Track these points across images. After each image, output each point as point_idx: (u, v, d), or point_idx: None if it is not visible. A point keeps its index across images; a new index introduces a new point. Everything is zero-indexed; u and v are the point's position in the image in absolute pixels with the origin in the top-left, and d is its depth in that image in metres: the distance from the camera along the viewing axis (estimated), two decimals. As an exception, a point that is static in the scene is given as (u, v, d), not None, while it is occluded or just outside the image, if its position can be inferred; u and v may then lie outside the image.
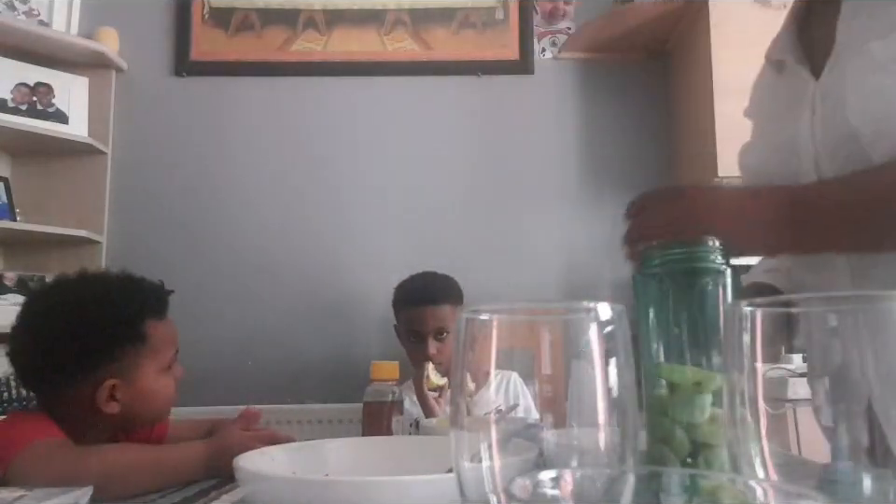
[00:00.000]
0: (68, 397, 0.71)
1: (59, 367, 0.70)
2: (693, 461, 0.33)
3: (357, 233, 1.88)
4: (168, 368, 0.76)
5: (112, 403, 0.71)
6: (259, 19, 1.95)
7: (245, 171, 1.91)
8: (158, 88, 1.93)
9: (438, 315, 1.37)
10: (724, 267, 0.36)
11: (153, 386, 0.74)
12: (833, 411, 0.24)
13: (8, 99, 1.75)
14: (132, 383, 0.72)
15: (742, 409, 0.25)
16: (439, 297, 1.40)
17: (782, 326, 0.25)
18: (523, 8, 1.95)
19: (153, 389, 0.74)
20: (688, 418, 0.33)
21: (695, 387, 0.34)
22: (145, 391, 0.73)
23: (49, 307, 0.75)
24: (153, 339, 0.75)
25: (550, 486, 0.21)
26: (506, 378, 0.90)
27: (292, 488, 0.42)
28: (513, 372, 0.28)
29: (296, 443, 0.64)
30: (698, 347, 0.35)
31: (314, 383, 1.81)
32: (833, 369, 0.25)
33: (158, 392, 0.74)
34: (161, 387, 0.75)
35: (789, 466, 0.25)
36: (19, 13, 1.83)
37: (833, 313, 0.25)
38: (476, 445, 0.26)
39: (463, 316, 0.27)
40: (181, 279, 1.85)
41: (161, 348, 0.75)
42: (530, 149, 1.93)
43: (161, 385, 0.75)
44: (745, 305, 0.25)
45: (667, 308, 0.36)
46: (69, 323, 0.71)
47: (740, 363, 0.25)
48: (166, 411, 0.78)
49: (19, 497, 0.49)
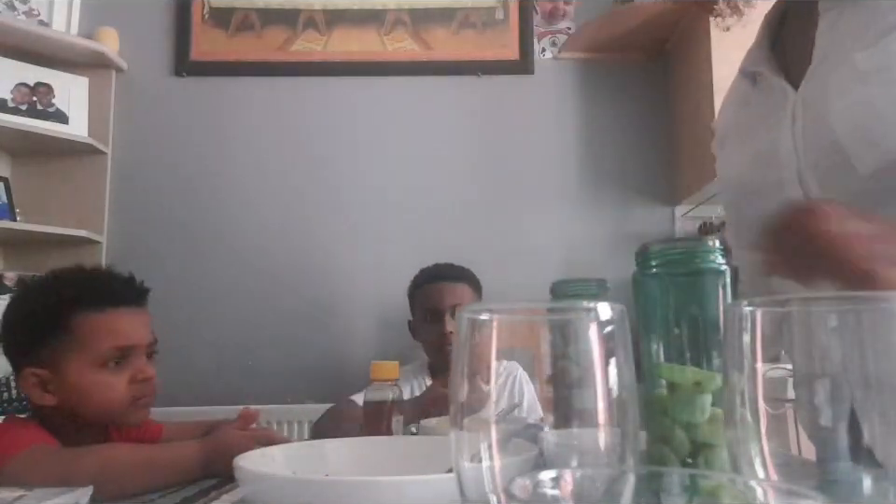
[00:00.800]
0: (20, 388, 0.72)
1: (8, 356, 0.73)
2: (694, 461, 0.33)
3: (356, 233, 1.88)
4: (105, 363, 0.72)
5: (46, 396, 0.71)
6: (259, 19, 1.95)
7: (245, 171, 1.91)
8: (158, 88, 1.93)
9: (456, 292, 1.37)
10: (725, 267, 0.36)
11: (82, 381, 0.71)
12: (832, 411, 0.24)
13: (8, 99, 1.75)
14: (61, 376, 0.71)
15: (742, 409, 0.25)
16: (457, 275, 1.40)
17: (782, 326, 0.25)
18: (523, 8, 1.95)
19: (83, 383, 0.71)
20: (688, 418, 0.33)
21: (695, 387, 0.34)
22: (74, 385, 0.71)
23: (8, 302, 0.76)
24: (80, 331, 0.72)
25: (550, 486, 0.21)
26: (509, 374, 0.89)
27: (292, 488, 0.42)
28: (517, 367, 0.27)
29: (296, 443, 0.64)
30: (698, 347, 0.35)
31: (313, 383, 1.81)
32: (833, 368, 0.25)
33: (91, 387, 0.71)
34: (95, 383, 0.71)
35: (789, 466, 0.25)
36: (19, 13, 1.83)
37: (833, 313, 0.25)
38: (476, 445, 0.26)
39: (463, 316, 0.27)
40: (181, 279, 1.86)
41: (91, 341, 0.72)
42: (530, 149, 1.93)
43: (95, 380, 0.71)
44: (745, 305, 0.25)
45: (668, 308, 0.36)
46: (5, 315, 0.74)
47: (740, 363, 0.25)
48: (113, 410, 0.73)
49: (19, 497, 0.49)
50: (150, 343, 0.78)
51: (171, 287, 1.84)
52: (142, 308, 0.79)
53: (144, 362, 0.75)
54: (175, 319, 1.83)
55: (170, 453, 0.67)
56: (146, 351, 0.76)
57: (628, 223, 1.89)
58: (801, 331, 0.25)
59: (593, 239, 1.87)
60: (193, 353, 1.81)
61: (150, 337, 0.78)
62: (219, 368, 1.82)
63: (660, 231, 1.86)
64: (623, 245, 1.84)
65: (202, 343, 1.82)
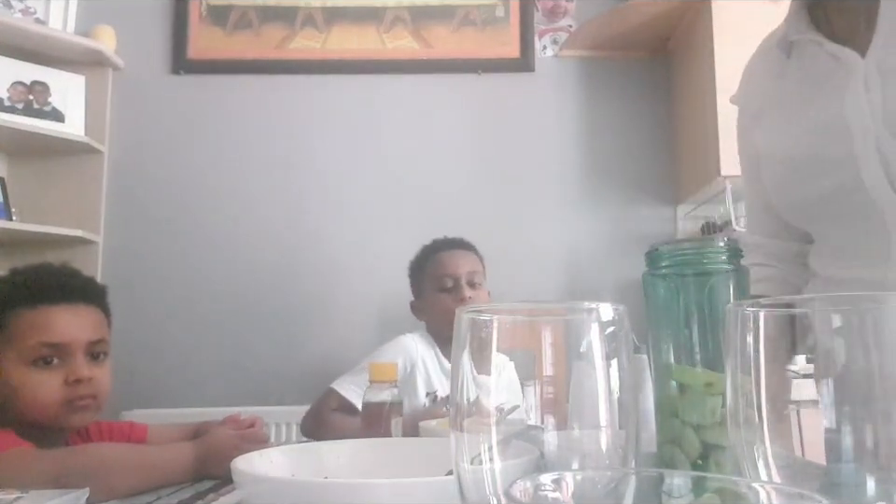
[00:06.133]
0: None
1: None
2: (704, 462, 0.33)
3: (355, 233, 1.88)
4: (35, 360, 0.70)
5: None
6: (256, 16, 1.94)
7: (242, 169, 1.90)
8: (155, 86, 1.93)
9: (470, 259, 1.34)
10: (733, 267, 0.36)
11: (15, 378, 0.69)
12: (836, 412, 0.24)
13: (4, 98, 1.74)
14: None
15: (746, 411, 0.24)
16: (468, 245, 1.39)
17: (786, 327, 0.25)
18: (523, 6, 1.94)
19: (15, 381, 0.69)
20: (698, 419, 0.33)
21: (706, 388, 0.33)
22: (6, 382, 0.69)
23: None
24: (14, 327, 0.70)
25: (550, 489, 0.21)
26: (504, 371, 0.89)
27: (291, 490, 0.42)
28: (506, 358, 0.27)
29: (294, 445, 0.64)
30: (708, 348, 0.34)
31: (311, 383, 1.81)
32: (836, 370, 0.24)
33: (21, 386, 0.69)
34: (24, 382, 0.69)
35: (792, 468, 0.24)
36: (15, 11, 1.82)
37: (837, 314, 0.25)
38: (476, 447, 0.26)
39: (464, 316, 0.27)
40: (178, 278, 1.86)
41: (22, 338, 0.70)
42: (531, 148, 1.92)
43: (25, 378, 0.69)
44: (748, 307, 0.25)
45: (677, 309, 0.36)
46: None
47: (744, 364, 0.25)
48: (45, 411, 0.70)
49: (15, 499, 0.48)
50: (93, 343, 0.73)
51: (167, 287, 1.84)
52: (86, 306, 0.75)
53: (81, 362, 0.72)
54: (172, 319, 1.83)
55: (162, 453, 0.66)
56: (86, 350, 0.73)
57: (630, 222, 1.89)
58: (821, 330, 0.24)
59: (594, 238, 1.87)
60: (189, 353, 1.81)
61: (92, 336, 0.73)
62: (216, 368, 1.81)
63: (662, 231, 1.86)
64: (625, 244, 1.84)
65: (198, 342, 1.82)
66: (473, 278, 1.31)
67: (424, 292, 1.37)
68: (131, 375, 1.61)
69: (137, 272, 1.80)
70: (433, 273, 1.34)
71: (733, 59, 0.76)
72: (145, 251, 1.83)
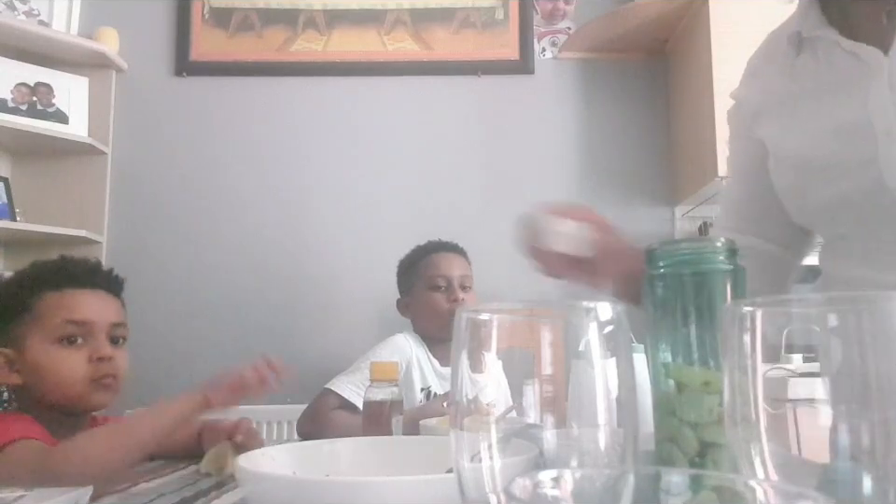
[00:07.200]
0: None
1: None
2: (702, 461, 0.33)
3: (356, 233, 1.88)
4: (61, 339, 0.73)
5: (13, 375, 0.72)
6: (259, 19, 1.95)
7: (245, 171, 1.91)
8: (158, 88, 1.93)
9: (462, 263, 1.37)
10: (731, 267, 0.36)
11: (41, 357, 0.72)
12: (833, 411, 0.24)
13: (9, 99, 1.75)
14: (24, 354, 0.72)
15: (742, 409, 0.25)
16: (459, 249, 1.41)
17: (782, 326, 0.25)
18: (523, 8, 1.95)
19: (41, 360, 0.72)
20: (696, 418, 0.33)
21: (704, 387, 0.33)
22: (33, 362, 0.72)
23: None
24: (40, 309, 0.73)
25: (550, 486, 0.21)
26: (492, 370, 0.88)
27: (292, 488, 0.42)
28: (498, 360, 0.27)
29: (296, 443, 0.64)
30: (706, 347, 0.35)
31: (314, 383, 1.81)
32: (833, 369, 0.24)
33: (48, 363, 0.72)
34: (51, 359, 0.72)
35: (789, 466, 0.25)
36: (19, 13, 1.83)
37: (833, 313, 0.25)
38: (476, 445, 0.26)
39: (463, 316, 0.27)
40: (181, 278, 1.86)
41: (48, 317, 0.73)
42: (530, 149, 1.93)
43: (52, 356, 0.72)
44: (745, 305, 0.25)
45: (675, 308, 0.36)
46: None
47: (741, 363, 0.25)
48: (72, 388, 0.72)
49: (18, 497, 0.49)
50: (114, 325, 0.77)
51: (170, 287, 1.84)
52: (108, 294, 0.79)
53: (104, 342, 0.75)
54: (173, 319, 1.84)
55: (153, 412, 0.71)
56: (108, 332, 0.76)
57: (628, 223, 1.86)
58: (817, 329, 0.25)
59: (593, 239, 1.87)
60: (191, 352, 1.81)
61: (115, 318, 0.77)
62: (217, 367, 1.81)
63: (660, 231, 1.86)
64: (624, 244, 1.83)
65: (201, 342, 1.82)
66: (464, 282, 1.34)
67: (414, 290, 1.39)
68: (133, 374, 1.61)
69: (140, 272, 1.80)
70: (426, 273, 1.36)
71: (730, 61, 0.75)
72: (148, 251, 1.84)
